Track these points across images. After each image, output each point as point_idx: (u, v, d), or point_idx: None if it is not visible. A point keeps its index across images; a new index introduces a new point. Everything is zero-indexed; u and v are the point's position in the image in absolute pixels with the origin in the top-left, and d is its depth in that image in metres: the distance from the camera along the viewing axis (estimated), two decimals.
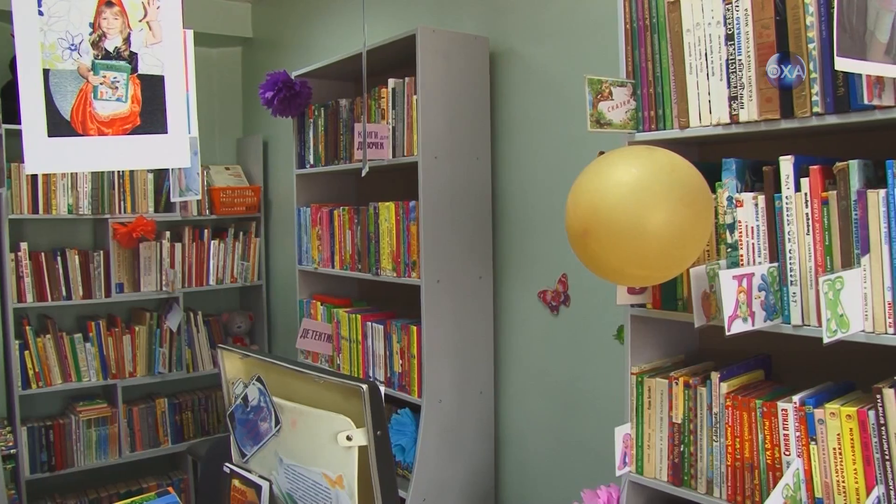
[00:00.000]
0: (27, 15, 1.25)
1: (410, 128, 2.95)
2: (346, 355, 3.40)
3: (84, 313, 4.56)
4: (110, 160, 1.32)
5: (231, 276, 4.79)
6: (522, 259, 3.05)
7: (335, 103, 3.43)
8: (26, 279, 4.12)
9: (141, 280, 4.43)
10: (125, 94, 1.35)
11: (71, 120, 1.29)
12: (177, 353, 4.60)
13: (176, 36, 1.41)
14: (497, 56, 3.10)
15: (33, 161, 1.25)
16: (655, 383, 2.05)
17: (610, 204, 1.63)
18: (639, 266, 1.68)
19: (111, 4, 1.35)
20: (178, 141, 1.36)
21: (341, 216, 3.41)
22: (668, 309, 2.02)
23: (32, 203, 4.14)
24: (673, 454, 2.01)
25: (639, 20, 2.00)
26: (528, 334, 3.05)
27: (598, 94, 1.99)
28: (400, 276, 3.04)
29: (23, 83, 1.26)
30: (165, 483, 4.61)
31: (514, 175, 3.06)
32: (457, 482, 3.06)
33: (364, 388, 1.51)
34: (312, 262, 3.65)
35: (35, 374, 4.16)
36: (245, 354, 1.91)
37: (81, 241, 4.58)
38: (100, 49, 1.34)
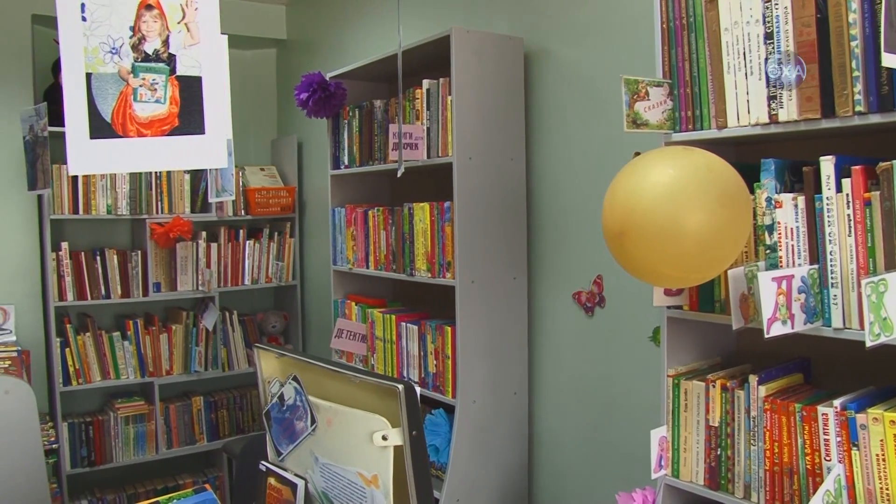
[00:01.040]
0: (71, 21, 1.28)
1: (445, 128, 2.95)
2: (380, 355, 3.41)
3: (122, 312, 4.63)
4: (149, 161, 1.34)
5: (266, 276, 4.84)
6: (557, 260, 3.03)
7: (370, 104, 3.44)
8: (67, 278, 4.20)
9: (178, 279, 4.48)
10: (164, 96, 1.37)
11: (112, 122, 1.31)
12: (212, 352, 4.65)
13: (213, 37, 1.42)
14: (531, 56, 3.09)
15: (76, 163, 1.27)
16: (692, 386, 2.03)
17: (647, 204, 1.62)
18: (676, 267, 1.66)
19: (151, 7, 1.37)
20: (216, 141, 1.37)
21: (376, 217, 3.42)
22: (706, 311, 2.00)
23: (73, 204, 4.22)
24: (710, 458, 1.99)
25: (676, 19, 1.99)
26: (562, 335, 3.04)
27: (635, 94, 1.98)
28: (434, 277, 3.04)
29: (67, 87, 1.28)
30: (201, 480, 4.66)
31: (549, 175, 3.04)
32: (490, 483, 3.05)
33: (400, 388, 1.52)
34: (347, 262, 3.66)
35: (75, 371, 4.24)
36: (281, 354, 1.93)
37: (120, 241, 4.65)
38: (140, 52, 1.36)
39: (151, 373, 4.46)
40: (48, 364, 4.30)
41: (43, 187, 3.31)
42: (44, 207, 4.18)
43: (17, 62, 4.24)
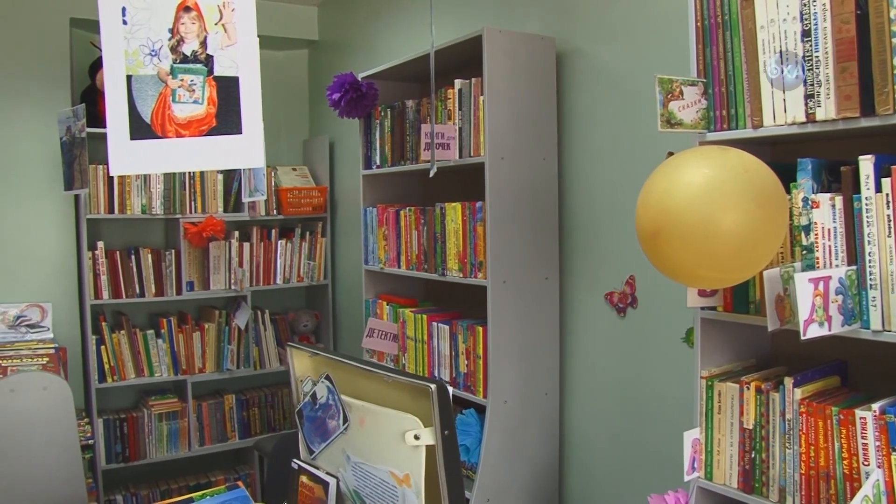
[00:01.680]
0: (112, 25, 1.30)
1: (477, 128, 2.95)
2: (411, 355, 3.42)
3: (156, 310, 4.68)
4: (188, 161, 1.36)
5: (298, 276, 4.87)
6: (589, 260, 3.02)
7: (402, 104, 3.45)
8: (103, 277, 4.26)
9: (210, 278, 4.52)
10: (202, 97, 1.39)
11: (151, 123, 1.33)
12: (244, 351, 4.69)
13: (250, 37, 1.44)
14: (564, 56, 3.08)
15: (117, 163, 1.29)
16: (726, 387, 2.01)
17: (681, 205, 1.61)
18: (710, 268, 1.65)
19: (189, 9, 1.39)
20: (253, 141, 1.39)
21: (408, 216, 3.43)
22: (740, 312, 1.98)
23: (109, 203, 4.27)
24: (744, 460, 1.97)
25: (710, 17, 1.97)
26: (594, 336, 3.02)
27: (669, 93, 1.96)
28: (466, 277, 3.04)
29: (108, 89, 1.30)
30: (233, 477, 4.70)
31: (581, 175, 3.03)
32: (521, 483, 3.05)
33: (433, 387, 1.52)
34: (379, 262, 3.68)
35: (110, 369, 4.29)
36: (314, 353, 1.94)
37: (154, 241, 4.70)
38: (178, 53, 1.38)
39: (184, 371, 4.51)
40: (84, 361, 4.36)
41: (80, 187, 3.37)
42: (80, 207, 4.25)
43: (56, 64, 4.31)
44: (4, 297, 4.18)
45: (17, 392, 3.06)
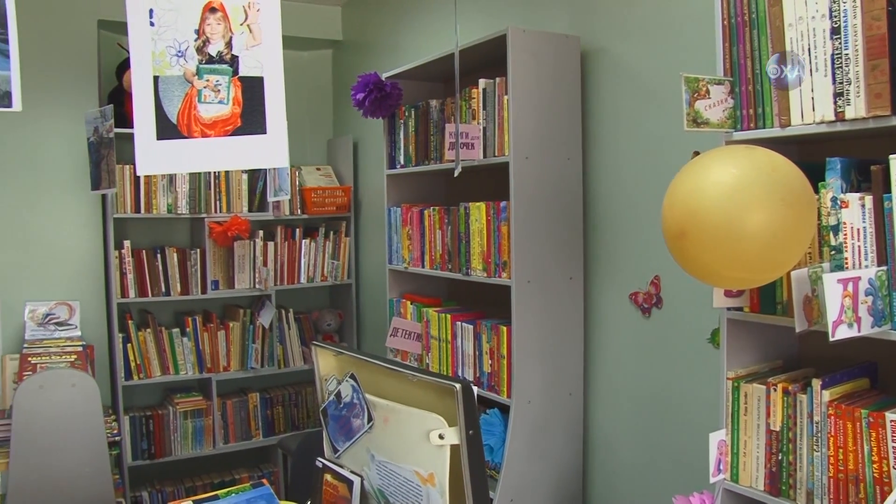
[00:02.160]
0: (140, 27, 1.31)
1: (501, 128, 2.94)
2: (435, 354, 3.42)
3: (181, 309, 4.72)
4: (213, 161, 1.37)
5: (322, 275, 4.88)
6: (614, 260, 3.01)
7: (426, 104, 3.46)
8: (129, 275, 4.30)
9: (235, 277, 4.55)
10: (227, 97, 1.40)
11: (177, 123, 1.34)
12: (269, 349, 4.71)
13: (274, 38, 1.45)
14: (588, 55, 3.07)
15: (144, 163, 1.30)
16: (752, 389, 2.00)
17: (708, 204, 1.60)
18: (737, 268, 1.64)
19: (215, 10, 1.40)
20: (277, 141, 1.40)
21: (431, 216, 3.43)
22: (767, 313, 1.96)
23: (135, 203, 4.32)
24: (770, 463, 1.95)
25: (737, 16, 1.95)
26: (618, 336, 3.01)
27: (695, 92, 1.95)
28: (490, 277, 3.04)
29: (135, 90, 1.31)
30: (257, 475, 4.73)
31: (606, 175, 3.02)
32: (544, 483, 3.04)
33: (458, 387, 1.52)
34: (403, 261, 3.68)
35: (136, 367, 4.34)
36: (339, 352, 1.95)
37: (179, 240, 4.74)
38: (204, 54, 1.39)
39: (209, 369, 4.54)
40: (111, 359, 4.40)
41: (108, 187, 3.40)
42: (107, 207, 4.29)
43: (83, 66, 4.35)
44: (34, 295, 4.23)
45: (46, 388, 3.10)
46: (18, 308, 4.17)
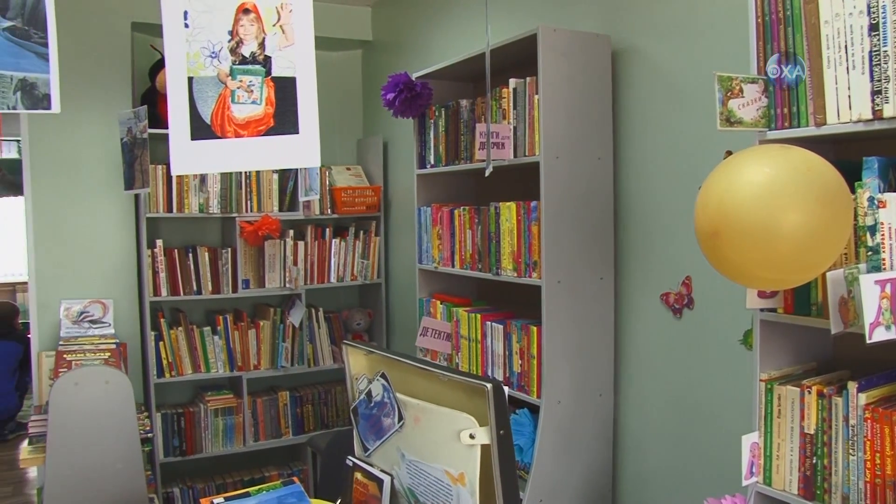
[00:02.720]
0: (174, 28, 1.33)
1: (532, 127, 2.94)
2: (465, 354, 3.42)
3: (212, 307, 4.76)
4: (247, 161, 1.38)
5: (351, 274, 4.90)
6: (645, 260, 2.99)
7: (456, 104, 3.46)
8: (161, 274, 4.35)
9: (265, 277, 4.59)
10: (260, 97, 1.41)
11: (211, 123, 1.36)
12: (299, 348, 4.74)
13: (307, 38, 1.46)
14: (619, 54, 3.05)
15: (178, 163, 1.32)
16: (786, 391, 1.97)
17: (741, 204, 1.58)
18: (771, 269, 1.62)
19: (248, 11, 1.41)
20: (310, 141, 1.41)
21: (462, 216, 3.43)
22: (801, 314, 1.94)
23: (167, 202, 4.37)
24: (805, 466, 1.93)
25: (772, 13, 1.93)
26: (649, 337, 2.99)
27: (729, 91, 1.93)
28: (521, 277, 3.03)
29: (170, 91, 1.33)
30: (286, 473, 4.76)
31: (637, 175, 3.00)
32: (573, 484, 3.03)
33: (489, 386, 1.52)
34: (433, 261, 3.69)
35: (168, 364, 4.39)
36: (370, 351, 1.95)
37: (211, 239, 4.79)
38: (237, 55, 1.40)
39: (240, 367, 4.58)
40: (143, 356, 4.46)
41: (142, 187, 3.43)
42: (140, 206, 4.34)
43: (117, 67, 4.41)
44: (68, 293, 4.29)
45: (80, 385, 3.14)
46: (54, 306, 4.24)
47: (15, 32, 1.27)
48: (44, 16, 1.27)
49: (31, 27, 1.27)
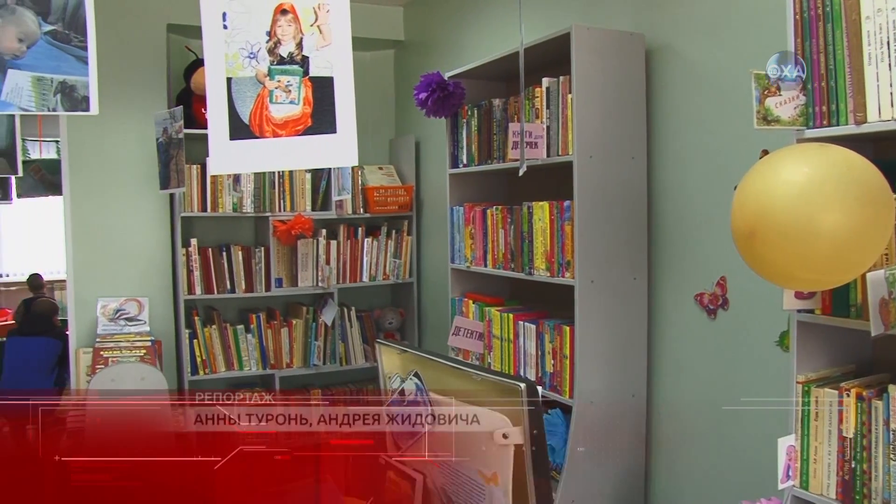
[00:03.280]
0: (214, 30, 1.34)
1: (565, 127, 2.93)
2: (497, 354, 3.41)
3: (246, 306, 4.79)
4: (285, 160, 1.39)
5: (383, 273, 4.91)
6: (679, 260, 2.96)
7: (488, 103, 3.45)
8: (196, 273, 4.39)
9: (298, 275, 4.61)
10: (298, 97, 1.42)
11: (250, 123, 1.37)
12: (331, 347, 4.76)
13: (344, 38, 1.47)
14: (653, 52, 3.03)
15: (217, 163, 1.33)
16: (824, 394, 1.95)
17: (779, 204, 1.57)
18: (809, 269, 1.60)
19: (286, 12, 1.42)
20: (347, 140, 1.42)
21: (494, 215, 3.43)
22: (840, 315, 1.91)
23: (202, 202, 4.41)
24: (843, 470, 1.90)
25: (811, 9, 1.90)
26: (683, 338, 2.96)
27: (766, 89, 1.91)
28: (554, 276, 3.02)
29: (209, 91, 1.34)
30: None
31: (671, 174, 2.98)
32: (606, 485, 3.01)
33: (522, 386, 1.51)
34: (465, 260, 3.69)
35: (202, 362, 4.43)
36: (403, 350, 1.95)
37: (244, 238, 4.82)
38: (275, 55, 1.41)
39: (272, 365, 4.60)
40: (177, 354, 4.51)
41: (177, 186, 3.48)
42: (175, 206, 4.39)
43: (153, 69, 4.46)
44: (105, 291, 4.34)
45: (117, 382, 3.19)
46: (91, 303, 4.30)
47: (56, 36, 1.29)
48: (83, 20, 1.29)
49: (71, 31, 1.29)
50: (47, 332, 5.45)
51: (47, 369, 6.04)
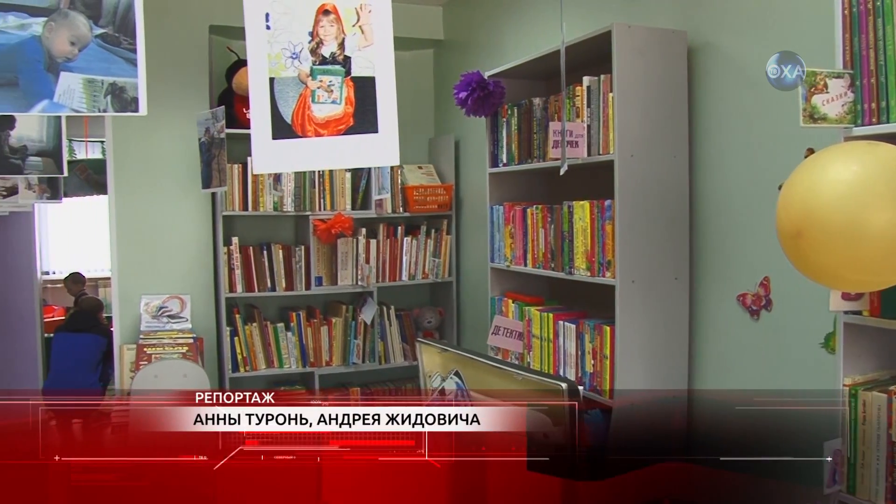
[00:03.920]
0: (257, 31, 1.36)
1: (606, 126, 2.91)
2: (536, 353, 3.40)
3: (286, 304, 4.83)
4: (327, 160, 1.40)
5: (423, 273, 4.92)
6: (721, 260, 2.93)
7: (528, 102, 3.44)
8: (237, 271, 4.44)
9: (338, 274, 4.64)
10: (340, 97, 1.43)
11: (292, 123, 1.38)
12: (370, 345, 4.78)
13: (386, 38, 1.47)
14: (695, 50, 2.99)
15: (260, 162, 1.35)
16: (872, 397, 1.91)
17: (826, 203, 1.54)
18: (857, 270, 1.57)
19: (328, 13, 1.43)
20: (389, 140, 1.42)
21: (534, 214, 3.42)
22: (889, 317, 1.87)
23: (243, 201, 4.46)
24: (893, 476, 1.86)
25: (860, 4, 1.87)
26: (725, 339, 2.93)
27: (812, 86, 1.88)
28: (594, 276, 3.01)
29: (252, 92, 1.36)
30: None
31: (713, 173, 2.94)
32: None
33: (564, 386, 1.51)
34: (505, 259, 3.68)
35: (243, 359, 4.48)
36: (444, 349, 1.96)
37: (285, 237, 4.86)
38: (317, 55, 1.42)
39: (312, 363, 4.64)
40: (219, 351, 4.56)
41: (219, 185, 3.51)
42: (217, 205, 4.44)
43: (196, 69, 4.52)
44: (148, 289, 4.41)
45: (160, 378, 3.24)
46: (135, 301, 4.36)
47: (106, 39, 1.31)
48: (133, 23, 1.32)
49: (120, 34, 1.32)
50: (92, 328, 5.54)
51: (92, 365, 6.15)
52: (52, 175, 3.76)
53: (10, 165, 3.44)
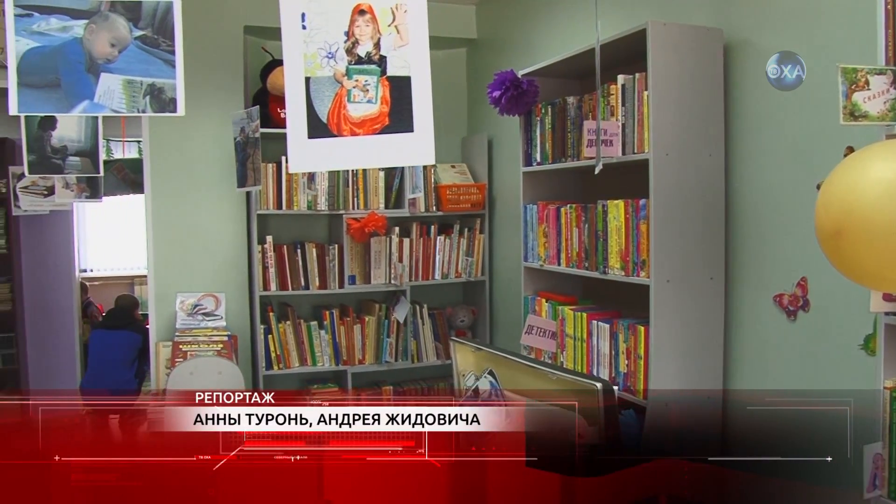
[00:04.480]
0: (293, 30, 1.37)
1: (641, 124, 2.89)
2: (570, 353, 3.39)
3: (319, 303, 4.86)
4: (363, 159, 1.41)
5: (456, 272, 4.92)
6: (757, 260, 2.89)
7: (563, 101, 3.43)
8: (271, 269, 4.48)
9: (371, 273, 4.66)
10: (375, 96, 1.43)
11: (328, 122, 1.39)
12: (403, 344, 4.79)
13: (421, 37, 1.48)
14: (732, 47, 2.96)
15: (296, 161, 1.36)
16: None
17: (867, 202, 1.52)
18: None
19: (363, 13, 1.44)
20: (424, 139, 1.43)
21: (568, 214, 3.41)
22: None
23: (277, 200, 4.50)
24: None
25: None
26: (761, 340, 2.89)
27: (853, 83, 1.85)
28: (629, 275, 2.99)
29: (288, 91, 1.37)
30: None
31: (750, 172, 2.91)
32: None
33: (599, 386, 1.50)
34: (538, 259, 3.67)
35: (276, 357, 4.51)
36: (477, 348, 1.96)
37: (318, 235, 4.89)
38: (353, 55, 1.43)
39: (345, 361, 4.66)
40: (252, 349, 4.60)
41: (254, 184, 3.55)
42: (251, 203, 4.48)
43: (231, 70, 4.56)
44: (184, 286, 4.46)
45: (195, 375, 3.28)
46: (171, 298, 4.42)
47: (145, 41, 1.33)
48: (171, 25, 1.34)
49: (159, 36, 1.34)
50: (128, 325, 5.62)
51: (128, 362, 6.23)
52: (89, 175, 3.83)
53: (52, 165, 3.51)
